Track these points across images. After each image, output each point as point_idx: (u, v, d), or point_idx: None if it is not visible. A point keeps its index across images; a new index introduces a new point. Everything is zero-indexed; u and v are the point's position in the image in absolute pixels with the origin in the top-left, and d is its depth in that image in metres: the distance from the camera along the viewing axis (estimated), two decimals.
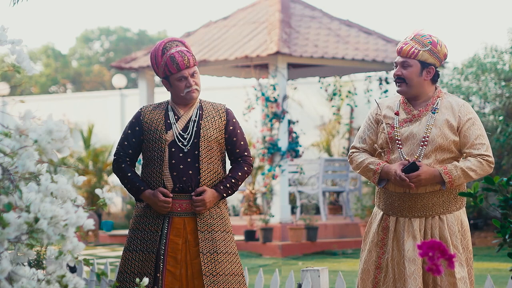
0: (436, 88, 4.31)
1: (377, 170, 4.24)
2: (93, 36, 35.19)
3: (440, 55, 4.27)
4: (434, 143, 4.16)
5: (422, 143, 4.18)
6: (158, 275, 4.25)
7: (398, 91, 4.30)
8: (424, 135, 4.18)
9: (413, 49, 4.23)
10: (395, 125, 4.26)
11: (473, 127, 4.18)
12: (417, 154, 4.19)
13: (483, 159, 4.14)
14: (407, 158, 4.19)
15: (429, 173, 4.12)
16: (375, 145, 4.35)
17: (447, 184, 4.12)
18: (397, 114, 4.28)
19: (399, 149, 4.22)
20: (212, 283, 4.22)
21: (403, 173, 4.13)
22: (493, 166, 4.18)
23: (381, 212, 4.34)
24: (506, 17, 44.88)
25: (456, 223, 4.19)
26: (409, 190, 4.20)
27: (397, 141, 4.23)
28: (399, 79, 4.27)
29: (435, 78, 4.29)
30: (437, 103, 4.24)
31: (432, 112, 4.22)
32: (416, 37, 4.27)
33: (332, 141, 15.51)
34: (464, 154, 4.20)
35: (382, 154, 4.31)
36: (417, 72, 4.23)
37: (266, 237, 11.47)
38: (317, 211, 13.56)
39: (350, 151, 4.44)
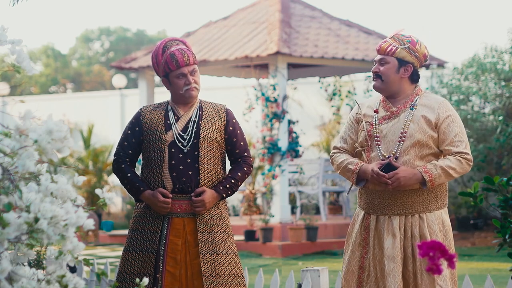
0: (415, 87, 4.33)
1: (355, 170, 4.26)
2: (93, 36, 35.21)
3: (419, 55, 4.29)
4: (412, 139, 4.17)
5: (399, 139, 4.19)
6: (157, 275, 4.25)
7: (373, 86, 4.34)
8: (402, 130, 4.19)
9: (391, 46, 4.27)
10: (374, 122, 4.28)
11: (452, 124, 4.19)
12: (395, 150, 4.19)
13: (462, 157, 4.15)
14: (385, 155, 4.20)
15: (408, 172, 4.12)
16: (356, 144, 4.36)
17: (428, 183, 4.11)
18: (376, 112, 4.30)
19: (377, 146, 4.23)
20: (211, 283, 4.22)
21: (381, 171, 4.15)
22: (471, 164, 4.19)
23: (363, 212, 4.35)
24: (506, 17, 44.89)
25: (436, 223, 4.19)
26: (390, 188, 4.20)
27: (375, 138, 4.25)
28: (376, 76, 4.30)
29: (414, 77, 4.30)
30: (416, 100, 4.26)
31: (410, 109, 4.24)
32: (395, 36, 4.31)
33: (332, 141, 15.51)
34: (443, 151, 4.20)
35: (362, 152, 4.33)
36: (393, 69, 4.26)
37: (266, 237, 11.47)
38: (317, 211, 13.56)
39: (332, 151, 4.46)
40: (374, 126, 4.26)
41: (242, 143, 4.44)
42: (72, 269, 5.58)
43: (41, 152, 2.51)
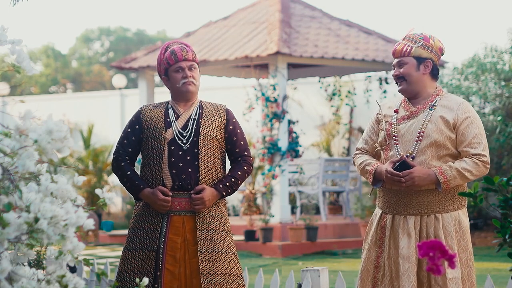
0: (436, 87, 4.32)
1: (371, 171, 4.28)
2: (93, 36, 35.21)
3: (435, 49, 4.30)
4: (430, 138, 4.16)
5: (417, 139, 4.19)
6: (158, 273, 4.25)
7: (399, 91, 4.33)
8: (420, 130, 4.19)
9: (406, 46, 4.29)
10: (393, 122, 4.28)
11: (471, 125, 4.18)
12: (412, 150, 4.19)
13: (479, 160, 4.13)
14: (402, 153, 4.20)
15: (423, 172, 4.12)
16: (376, 144, 4.37)
17: (442, 185, 4.10)
18: (396, 111, 4.31)
19: (395, 145, 4.23)
20: (209, 282, 4.22)
21: (395, 170, 4.15)
22: (488, 166, 4.17)
23: (380, 211, 4.35)
24: (506, 17, 44.89)
25: (453, 224, 4.18)
26: (405, 188, 4.20)
27: (394, 138, 4.25)
28: (399, 78, 4.29)
29: (434, 72, 4.30)
30: (436, 101, 4.26)
31: (429, 109, 4.24)
32: (407, 36, 4.34)
33: (332, 141, 15.51)
34: (461, 153, 4.19)
35: (381, 152, 4.34)
36: (413, 68, 4.26)
37: (266, 237, 11.47)
38: (317, 211, 13.55)
39: (354, 153, 4.49)
40: (393, 125, 4.27)
41: (242, 142, 4.46)
42: (72, 269, 5.58)
43: (41, 152, 2.51)
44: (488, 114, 12.51)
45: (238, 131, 4.45)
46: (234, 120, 4.46)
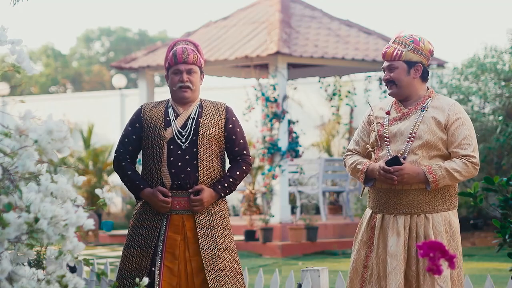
0: (428, 88, 4.34)
1: (363, 169, 4.29)
2: (93, 36, 35.23)
3: (425, 52, 4.31)
4: (421, 139, 4.18)
5: (408, 139, 4.20)
6: (153, 269, 4.24)
7: (390, 94, 4.36)
8: (411, 131, 4.20)
9: (396, 51, 4.29)
10: (385, 123, 4.29)
11: (462, 126, 4.20)
12: (403, 150, 4.20)
13: (468, 161, 4.15)
14: (393, 154, 4.21)
15: (413, 170, 4.13)
16: (367, 146, 4.38)
17: (431, 184, 4.12)
18: (388, 113, 4.32)
19: (387, 146, 4.25)
20: (214, 278, 4.22)
21: (386, 166, 4.16)
22: (478, 168, 4.19)
23: (371, 211, 4.36)
24: (506, 17, 44.90)
25: (443, 224, 4.18)
26: (395, 187, 4.21)
27: (385, 138, 4.26)
28: (389, 82, 4.31)
29: (424, 75, 4.32)
30: (427, 102, 4.28)
31: (421, 110, 4.26)
32: (397, 39, 4.33)
33: (332, 141, 15.51)
34: (451, 154, 4.21)
35: (372, 153, 4.35)
36: (404, 72, 4.27)
37: (266, 237, 11.47)
38: (317, 211, 13.55)
39: (345, 154, 4.50)
40: (385, 127, 4.28)
41: (241, 141, 4.46)
42: (72, 269, 5.57)
43: (41, 152, 2.51)
44: (488, 114, 12.51)
45: (238, 129, 4.45)
46: (234, 118, 4.45)
